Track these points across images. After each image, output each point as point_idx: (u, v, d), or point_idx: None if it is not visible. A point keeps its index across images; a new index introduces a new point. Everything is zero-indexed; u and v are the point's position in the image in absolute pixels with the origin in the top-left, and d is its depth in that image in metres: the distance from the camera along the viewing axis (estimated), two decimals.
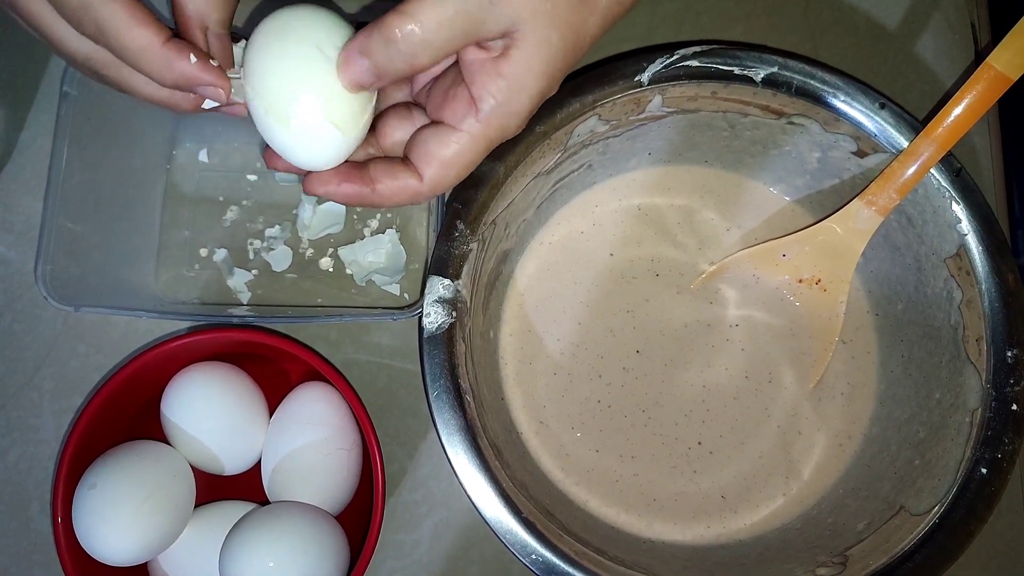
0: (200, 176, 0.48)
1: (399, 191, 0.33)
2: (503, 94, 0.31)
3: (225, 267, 0.47)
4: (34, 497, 0.45)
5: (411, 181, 0.33)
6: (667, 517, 0.43)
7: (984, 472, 0.38)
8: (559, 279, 0.46)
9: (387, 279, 0.46)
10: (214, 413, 0.41)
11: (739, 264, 0.45)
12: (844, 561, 0.39)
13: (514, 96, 0.31)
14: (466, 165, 0.33)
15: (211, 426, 0.41)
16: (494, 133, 0.32)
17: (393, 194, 0.34)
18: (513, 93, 0.31)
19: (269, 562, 0.37)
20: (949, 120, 0.39)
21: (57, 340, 0.46)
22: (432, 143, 0.33)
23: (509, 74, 0.31)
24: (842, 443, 0.44)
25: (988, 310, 0.40)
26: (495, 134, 0.32)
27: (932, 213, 0.41)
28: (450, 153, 0.32)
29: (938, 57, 0.50)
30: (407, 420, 0.45)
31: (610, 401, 0.45)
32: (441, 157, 0.33)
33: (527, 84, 0.31)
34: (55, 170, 0.41)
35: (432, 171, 0.33)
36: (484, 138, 0.32)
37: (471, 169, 0.33)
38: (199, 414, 0.41)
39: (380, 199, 0.34)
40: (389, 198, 0.34)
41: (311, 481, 0.40)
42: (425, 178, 0.33)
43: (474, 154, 0.33)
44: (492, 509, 0.37)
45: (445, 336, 0.39)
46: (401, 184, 0.33)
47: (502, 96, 0.31)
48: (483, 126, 0.32)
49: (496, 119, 0.32)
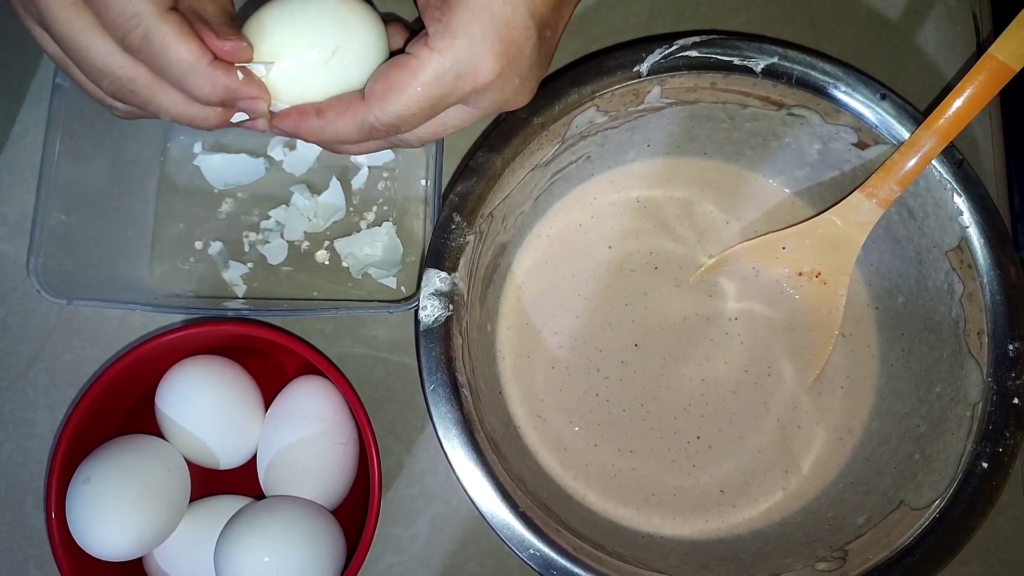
0: (194, 168, 0.47)
1: (342, 112, 0.33)
2: (449, 19, 0.31)
3: (220, 260, 0.46)
4: (29, 492, 0.44)
5: (354, 102, 0.32)
6: (666, 511, 0.43)
7: (985, 466, 0.38)
8: (557, 272, 0.46)
9: (384, 272, 0.46)
10: (209, 407, 0.41)
11: (738, 257, 0.45)
12: (844, 556, 0.39)
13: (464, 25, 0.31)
14: (416, 95, 0.32)
15: (206, 420, 0.41)
16: (446, 63, 0.31)
17: (338, 116, 0.33)
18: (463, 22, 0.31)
19: (265, 557, 0.37)
20: (951, 111, 0.39)
21: (51, 334, 0.46)
22: (385, 66, 0.33)
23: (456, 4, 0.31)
24: (842, 437, 0.44)
25: (989, 303, 0.39)
26: (447, 64, 0.31)
27: (933, 205, 0.41)
28: (397, 75, 0.32)
29: (940, 48, 0.49)
30: (404, 414, 0.45)
31: (608, 395, 0.44)
32: (388, 77, 0.32)
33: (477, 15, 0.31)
34: (47, 162, 0.40)
35: (378, 89, 0.32)
36: (434, 67, 0.31)
37: (424, 103, 0.32)
38: (194, 408, 0.41)
39: (329, 126, 0.33)
40: (333, 121, 0.33)
41: (307, 475, 0.40)
42: (369, 96, 0.32)
43: (423, 83, 0.32)
44: (489, 503, 0.37)
45: (442, 329, 0.38)
46: (344, 104, 0.33)
47: (447, 20, 0.31)
48: (430, 51, 0.31)
49: (446, 46, 0.31)
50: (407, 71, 0.32)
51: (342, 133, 0.33)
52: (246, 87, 0.32)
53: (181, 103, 0.32)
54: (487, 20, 0.31)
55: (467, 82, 0.32)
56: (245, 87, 0.32)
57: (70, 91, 0.41)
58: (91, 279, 0.42)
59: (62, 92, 0.41)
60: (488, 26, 0.31)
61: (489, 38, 0.31)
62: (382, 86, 0.32)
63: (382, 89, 0.32)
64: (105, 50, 0.31)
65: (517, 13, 0.31)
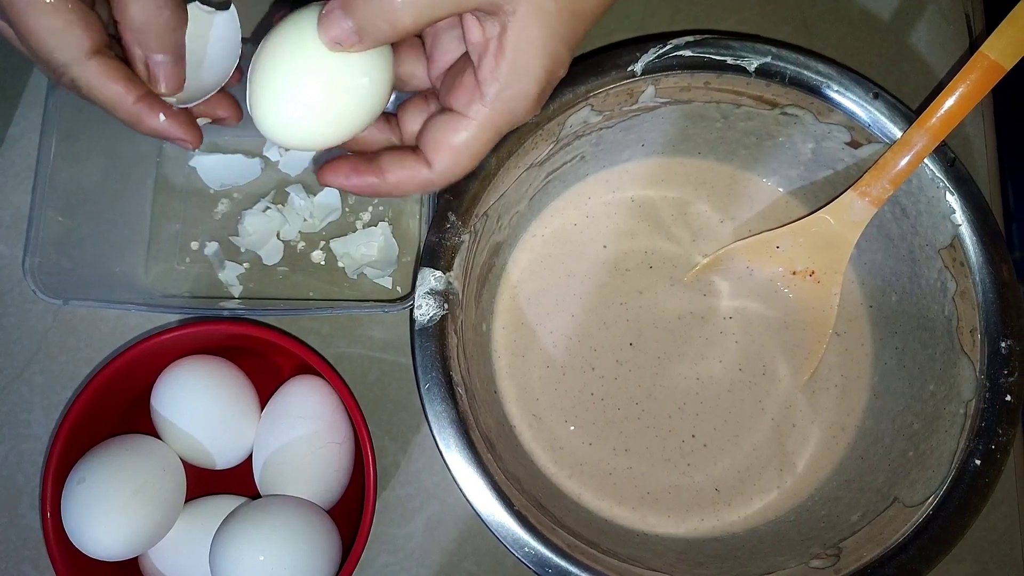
0: (190, 169, 0.47)
1: (408, 179, 0.33)
2: (506, 76, 0.31)
3: (216, 260, 0.46)
4: (24, 492, 0.44)
5: (421, 170, 0.33)
6: (660, 510, 0.43)
7: (978, 463, 0.38)
8: (552, 271, 0.46)
9: (379, 272, 0.46)
10: (205, 407, 0.41)
11: (733, 256, 0.45)
12: (838, 553, 0.39)
13: (517, 77, 0.31)
14: (476, 153, 0.33)
15: (202, 420, 0.41)
16: (501, 118, 0.32)
17: (402, 182, 0.33)
18: (516, 74, 0.31)
19: (260, 556, 0.37)
20: (943, 110, 0.39)
21: (47, 334, 0.46)
22: (440, 130, 0.32)
23: (509, 53, 0.30)
24: (836, 435, 0.44)
25: (982, 301, 0.40)
26: (502, 119, 0.32)
27: (926, 204, 0.41)
28: (459, 141, 0.32)
29: (932, 47, 0.49)
30: (399, 414, 0.45)
31: (603, 394, 0.44)
32: (450, 144, 0.32)
33: (530, 63, 0.31)
34: (43, 163, 0.40)
35: (441, 159, 0.32)
36: (491, 124, 0.32)
37: (482, 156, 0.33)
38: (189, 408, 0.41)
39: (391, 188, 0.34)
40: (398, 186, 0.33)
41: (302, 475, 0.40)
42: (435, 166, 0.33)
43: (483, 141, 0.32)
44: (484, 503, 0.37)
45: (437, 328, 0.39)
46: (410, 173, 0.33)
47: (505, 79, 0.31)
48: (489, 111, 0.31)
49: (501, 103, 0.31)
50: (469, 135, 0.32)
51: (398, 191, 0.34)
52: (169, 129, 0.33)
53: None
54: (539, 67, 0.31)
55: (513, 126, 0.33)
56: (168, 129, 0.33)
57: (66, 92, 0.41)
58: (87, 280, 0.42)
59: (58, 93, 0.41)
60: (540, 75, 0.31)
61: (540, 83, 0.31)
62: (448, 155, 0.32)
63: (449, 158, 0.32)
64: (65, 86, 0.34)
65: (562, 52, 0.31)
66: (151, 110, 0.33)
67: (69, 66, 0.31)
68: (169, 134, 0.33)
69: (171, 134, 0.33)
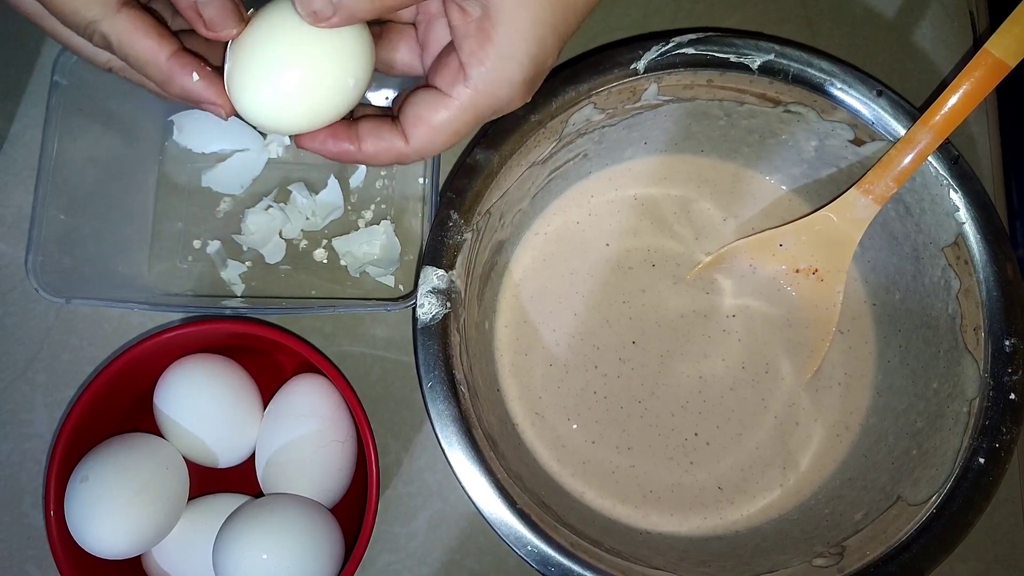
0: (192, 167, 0.47)
1: (384, 151, 0.33)
2: (490, 60, 0.30)
3: (218, 259, 0.46)
4: (27, 491, 0.44)
5: (397, 142, 0.33)
6: (663, 508, 0.43)
7: (982, 462, 0.38)
8: (555, 270, 0.46)
9: (381, 271, 0.46)
10: (207, 405, 0.41)
11: (736, 254, 0.45)
12: (841, 552, 0.39)
13: (503, 63, 0.30)
14: (454, 132, 0.32)
15: (204, 418, 0.41)
16: (484, 102, 0.31)
17: (378, 153, 0.33)
18: (501, 59, 0.30)
19: (263, 555, 0.37)
20: (947, 108, 0.39)
21: (49, 333, 0.46)
22: (422, 106, 0.32)
23: (495, 38, 0.30)
24: (839, 433, 0.44)
25: (986, 299, 0.39)
26: (485, 103, 0.32)
27: (930, 201, 0.41)
28: (439, 119, 0.32)
29: (936, 44, 0.49)
30: (402, 412, 0.45)
31: (606, 392, 0.44)
32: (430, 121, 0.32)
33: (516, 49, 0.30)
34: (46, 161, 0.40)
35: (419, 135, 0.32)
36: (473, 107, 0.32)
37: (460, 138, 0.33)
38: (192, 406, 0.41)
39: (364, 157, 0.34)
40: (373, 156, 0.33)
41: (305, 473, 0.40)
42: (411, 140, 0.33)
43: (462, 123, 0.32)
44: (487, 501, 0.37)
45: (439, 327, 0.39)
46: (386, 144, 0.33)
47: (489, 63, 0.30)
48: (472, 93, 0.31)
49: (485, 87, 0.31)
50: (449, 115, 0.32)
51: (373, 161, 0.34)
52: (202, 90, 0.32)
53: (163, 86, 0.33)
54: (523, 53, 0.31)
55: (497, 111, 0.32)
56: (201, 90, 0.32)
57: (68, 89, 0.41)
58: (89, 278, 0.42)
59: (60, 90, 0.41)
60: (525, 62, 0.31)
61: (525, 69, 0.31)
62: (425, 132, 0.32)
63: (425, 134, 0.32)
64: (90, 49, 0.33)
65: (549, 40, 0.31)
66: (184, 68, 0.31)
67: (99, 21, 0.30)
68: (201, 96, 0.32)
69: (203, 96, 0.32)
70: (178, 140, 0.47)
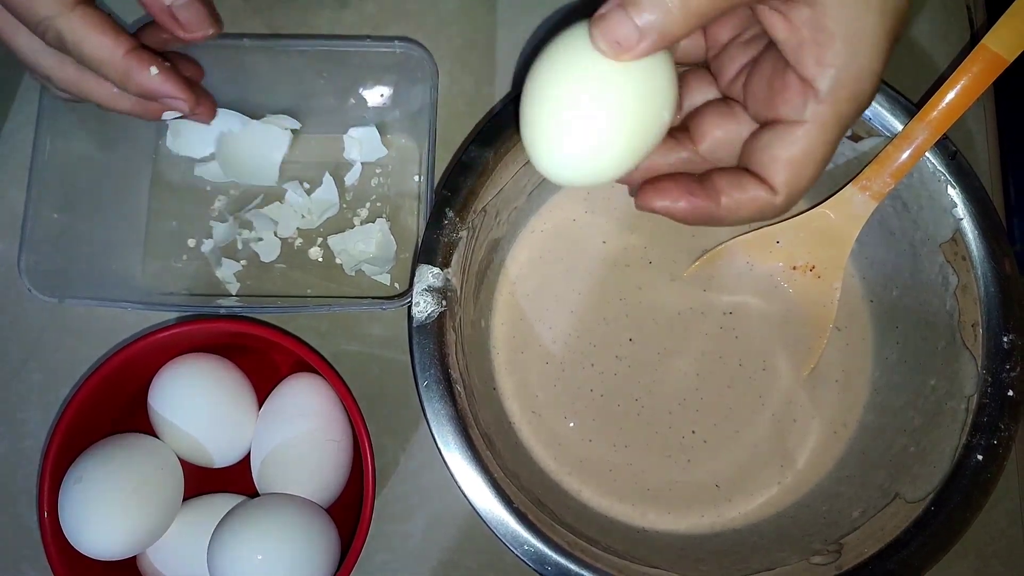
0: (187, 165, 0.47)
1: (747, 203, 0.29)
2: (840, 57, 0.26)
3: (213, 258, 0.46)
4: (22, 491, 0.44)
5: (760, 192, 0.29)
6: (661, 506, 0.43)
7: (980, 459, 0.38)
8: (551, 267, 0.46)
9: (377, 269, 0.46)
10: (202, 405, 0.41)
11: (732, 251, 0.45)
12: (839, 549, 0.39)
13: (853, 54, 0.26)
14: (821, 159, 0.28)
15: (199, 418, 0.40)
16: (846, 108, 0.27)
17: (740, 207, 0.29)
18: (851, 51, 0.26)
19: (258, 555, 0.36)
20: (944, 103, 0.39)
21: (43, 332, 0.46)
22: (775, 146, 0.28)
23: (835, 30, 0.25)
24: (837, 431, 0.44)
25: (984, 295, 0.39)
26: (848, 109, 0.27)
27: (927, 198, 0.41)
28: (798, 151, 0.28)
29: (933, 39, 0.49)
30: (398, 411, 0.45)
31: (603, 390, 0.44)
32: (789, 158, 0.28)
33: (865, 31, 0.25)
34: (38, 160, 0.40)
35: (784, 176, 0.28)
36: (835, 118, 0.27)
37: (827, 163, 0.29)
38: (187, 406, 0.41)
39: (725, 213, 0.30)
40: (735, 212, 0.30)
41: (301, 473, 0.40)
42: (778, 186, 0.28)
43: (827, 143, 0.28)
44: (483, 500, 0.37)
45: (435, 325, 0.38)
46: (750, 196, 0.29)
47: (840, 59, 0.26)
48: (829, 106, 0.27)
49: (843, 90, 0.26)
50: (810, 141, 0.27)
51: (732, 218, 0.30)
52: (161, 84, 0.31)
53: (114, 95, 0.32)
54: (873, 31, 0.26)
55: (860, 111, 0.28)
56: (160, 84, 0.31)
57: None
58: (83, 277, 0.42)
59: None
60: (879, 41, 0.26)
61: (882, 50, 0.26)
62: (790, 170, 0.28)
63: (792, 173, 0.28)
64: (30, 49, 0.32)
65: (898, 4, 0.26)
66: (141, 63, 0.30)
67: (53, 18, 0.29)
68: (161, 90, 0.31)
69: (163, 90, 0.31)
70: (172, 147, 0.46)
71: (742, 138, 0.30)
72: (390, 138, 0.47)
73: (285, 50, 0.43)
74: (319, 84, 0.45)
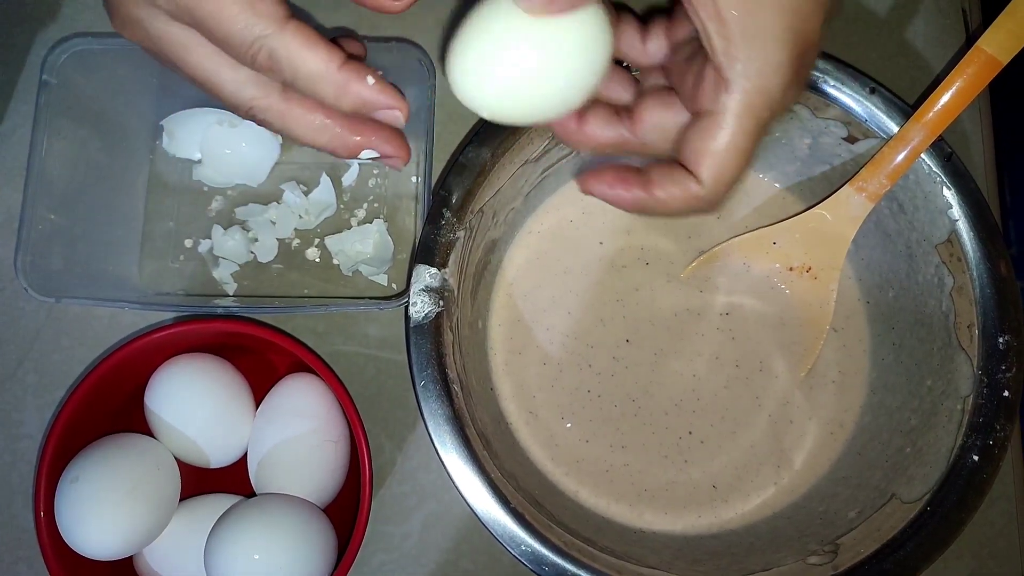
0: (184, 166, 0.47)
1: (676, 196, 0.30)
2: (742, 50, 0.26)
3: (210, 258, 0.46)
4: (18, 492, 0.44)
5: (690, 184, 0.29)
6: (658, 507, 0.43)
7: (975, 459, 0.38)
8: (548, 268, 0.46)
9: (374, 269, 0.46)
10: (199, 405, 0.41)
11: (729, 252, 0.45)
12: (835, 549, 0.39)
13: (756, 47, 0.26)
14: (741, 151, 0.28)
15: (196, 418, 0.40)
16: (756, 100, 0.27)
17: (671, 199, 0.30)
18: (753, 43, 0.26)
19: (255, 555, 0.36)
20: (939, 104, 0.39)
21: (40, 333, 0.45)
22: (695, 137, 0.29)
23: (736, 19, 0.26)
24: (833, 431, 0.44)
25: (979, 296, 0.39)
26: (758, 102, 0.27)
27: (923, 199, 0.41)
28: (718, 143, 0.28)
29: (928, 41, 0.49)
30: (396, 411, 0.45)
31: (600, 391, 0.44)
32: (709, 150, 0.28)
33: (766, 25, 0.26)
34: (35, 160, 0.40)
35: (707, 169, 0.29)
36: (747, 111, 0.28)
37: (750, 153, 0.29)
38: (184, 406, 0.40)
39: (657, 204, 0.30)
40: (666, 203, 0.30)
41: (298, 473, 0.40)
42: (702, 178, 0.29)
43: (744, 135, 0.28)
44: (480, 500, 0.37)
45: (432, 325, 0.38)
46: (680, 188, 0.29)
47: (743, 53, 0.26)
48: (739, 96, 0.27)
49: (749, 83, 0.27)
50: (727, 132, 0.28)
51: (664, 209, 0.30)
52: (379, 94, 0.30)
53: (314, 129, 0.32)
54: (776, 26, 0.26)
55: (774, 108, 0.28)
56: (378, 94, 0.30)
57: (58, 88, 0.41)
58: (80, 277, 0.42)
59: (49, 89, 0.41)
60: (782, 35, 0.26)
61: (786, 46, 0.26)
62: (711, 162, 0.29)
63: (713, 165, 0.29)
64: (235, 85, 0.31)
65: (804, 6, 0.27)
66: (359, 74, 0.30)
67: (267, 37, 0.29)
68: (379, 101, 0.30)
69: (381, 101, 0.30)
70: (168, 148, 0.46)
71: (678, 127, 0.31)
72: None
73: None
74: None
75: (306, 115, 0.32)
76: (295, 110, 0.32)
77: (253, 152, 0.46)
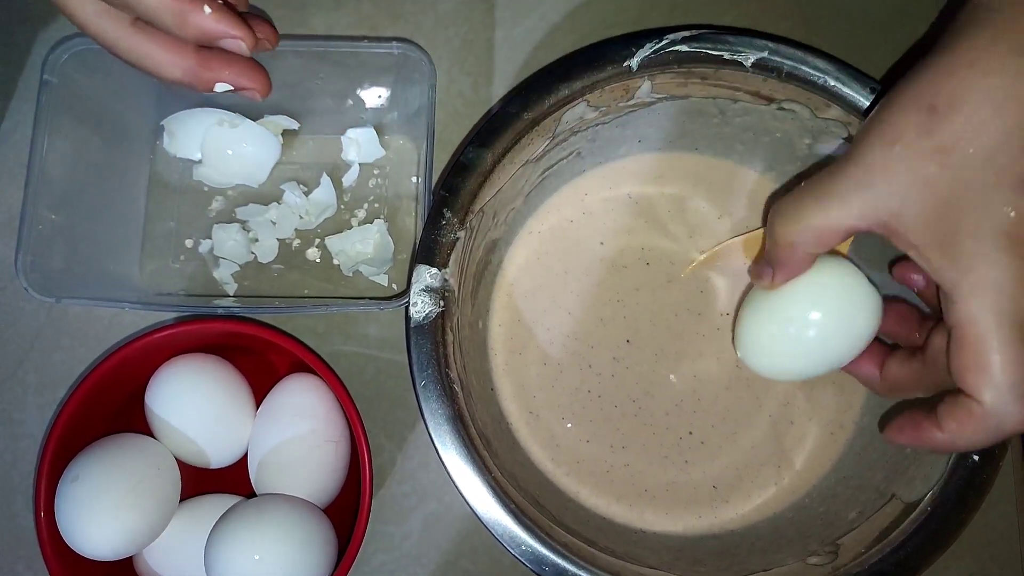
0: (185, 166, 0.47)
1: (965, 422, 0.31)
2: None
3: (210, 258, 0.46)
4: (18, 492, 0.44)
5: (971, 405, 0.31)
6: (658, 507, 0.43)
7: (976, 460, 0.38)
8: (549, 268, 0.46)
9: (375, 269, 0.46)
10: (199, 405, 0.41)
11: (730, 252, 0.45)
12: (836, 550, 0.39)
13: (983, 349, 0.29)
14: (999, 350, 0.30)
15: (196, 419, 0.40)
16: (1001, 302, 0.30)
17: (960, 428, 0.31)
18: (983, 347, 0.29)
19: (255, 555, 0.36)
20: None
21: (40, 333, 0.45)
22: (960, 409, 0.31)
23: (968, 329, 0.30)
24: (834, 432, 0.44)
25: None
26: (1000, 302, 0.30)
27: None
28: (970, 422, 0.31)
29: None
30: (396, 412, 0.45)
31: (600, 391, 0.44)
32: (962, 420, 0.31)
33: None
34: (36, 159, 0.40)
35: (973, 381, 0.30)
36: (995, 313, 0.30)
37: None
38: (184, 406, 0.40)
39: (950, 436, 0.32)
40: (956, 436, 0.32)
41: (298, 474, 0.40)
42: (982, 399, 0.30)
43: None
44: (481, 501, 0.37)
45: (433, 326, 0.38)
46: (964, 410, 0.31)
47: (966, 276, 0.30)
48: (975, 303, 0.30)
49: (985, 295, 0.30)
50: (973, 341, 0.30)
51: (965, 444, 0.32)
52: (216, 23, 0.30)
53: (167, 64, 0.32)
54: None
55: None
56: (215, 23, 0.30)
57: (59, 87, 0.41)
58: (80, 277, 0.42)
59: (50, 88, 0.41)
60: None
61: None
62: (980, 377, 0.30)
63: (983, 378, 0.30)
64: (93, 16, 0.32)
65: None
66: (194, 3, 0.30)
67: None
68: (217, 30, 0.30)
69: (218, 30, 0.30)
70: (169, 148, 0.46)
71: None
72: (388, 139, 0.47)
73: (282, 51, 0.43)
74: (316, 85, 0.45)
75: (158, 49, 0.32)
76: (146, 44, 0.32)
77: (254, 152, 0.46)
